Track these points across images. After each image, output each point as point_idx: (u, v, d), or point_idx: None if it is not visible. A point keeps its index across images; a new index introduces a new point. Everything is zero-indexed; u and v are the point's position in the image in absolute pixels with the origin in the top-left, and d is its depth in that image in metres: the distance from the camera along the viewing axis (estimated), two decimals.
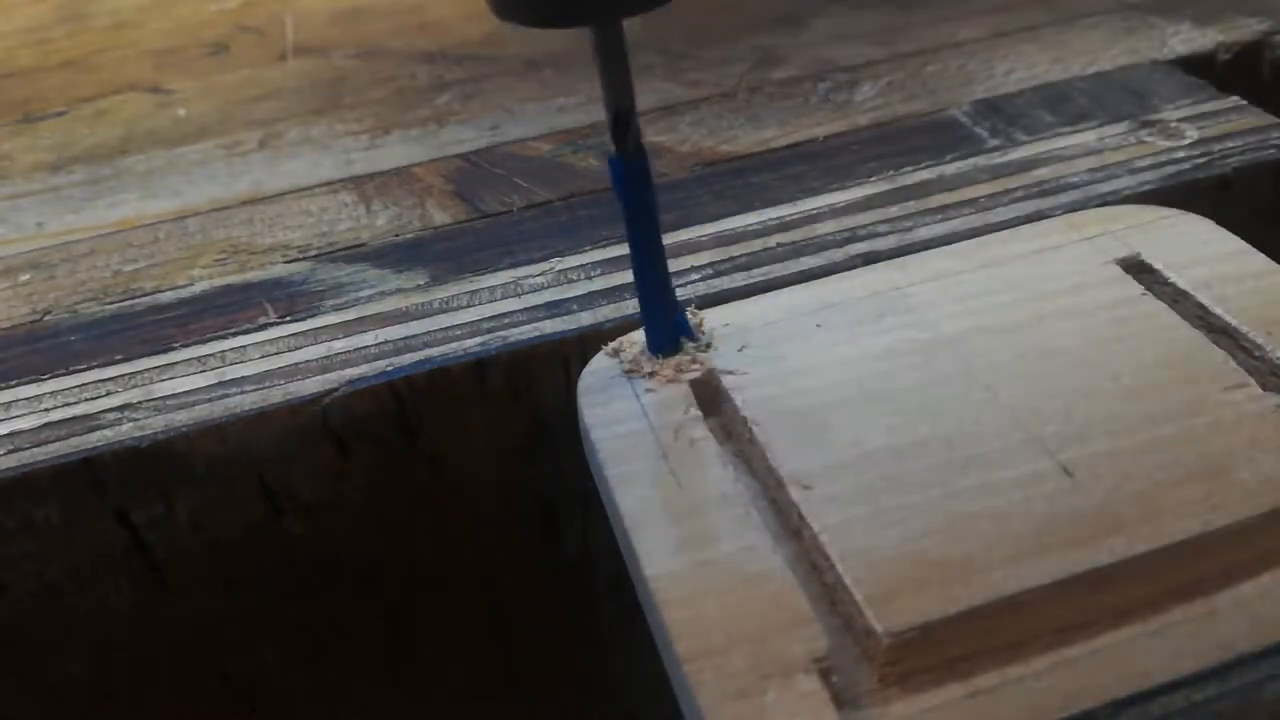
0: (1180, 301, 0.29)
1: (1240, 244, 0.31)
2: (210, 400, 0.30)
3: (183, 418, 0.30)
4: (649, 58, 0.47)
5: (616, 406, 0.28)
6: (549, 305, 0.33)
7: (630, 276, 0.29)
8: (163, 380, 0.32)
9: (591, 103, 0.44)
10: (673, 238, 0.35)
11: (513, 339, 0.31)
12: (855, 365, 0.28)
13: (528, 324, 0.32)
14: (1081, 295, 0.30)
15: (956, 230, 0.34)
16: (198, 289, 0.36)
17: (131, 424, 0.30)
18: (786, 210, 0.36)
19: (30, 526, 0.30)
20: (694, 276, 0.33)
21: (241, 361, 0.32)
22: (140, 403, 0.31)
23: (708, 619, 0.22)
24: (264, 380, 0.31)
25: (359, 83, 0.49)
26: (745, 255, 0.34)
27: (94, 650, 0.32)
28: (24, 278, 0.38)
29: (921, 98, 0.42)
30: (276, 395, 0.30)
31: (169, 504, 0.30)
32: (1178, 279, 0.30)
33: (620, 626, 0.36)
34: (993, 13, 0.48)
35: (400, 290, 0.34)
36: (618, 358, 0.29)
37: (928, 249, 0.33)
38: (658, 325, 0.29)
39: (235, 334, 0.33)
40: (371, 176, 0.41)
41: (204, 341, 0.33)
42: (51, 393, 0.32)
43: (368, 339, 0.32)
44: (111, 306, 0.35)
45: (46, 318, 0.35)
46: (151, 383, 0.31)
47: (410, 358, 0.31)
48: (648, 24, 0.25)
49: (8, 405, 0.31)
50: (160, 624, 0.32)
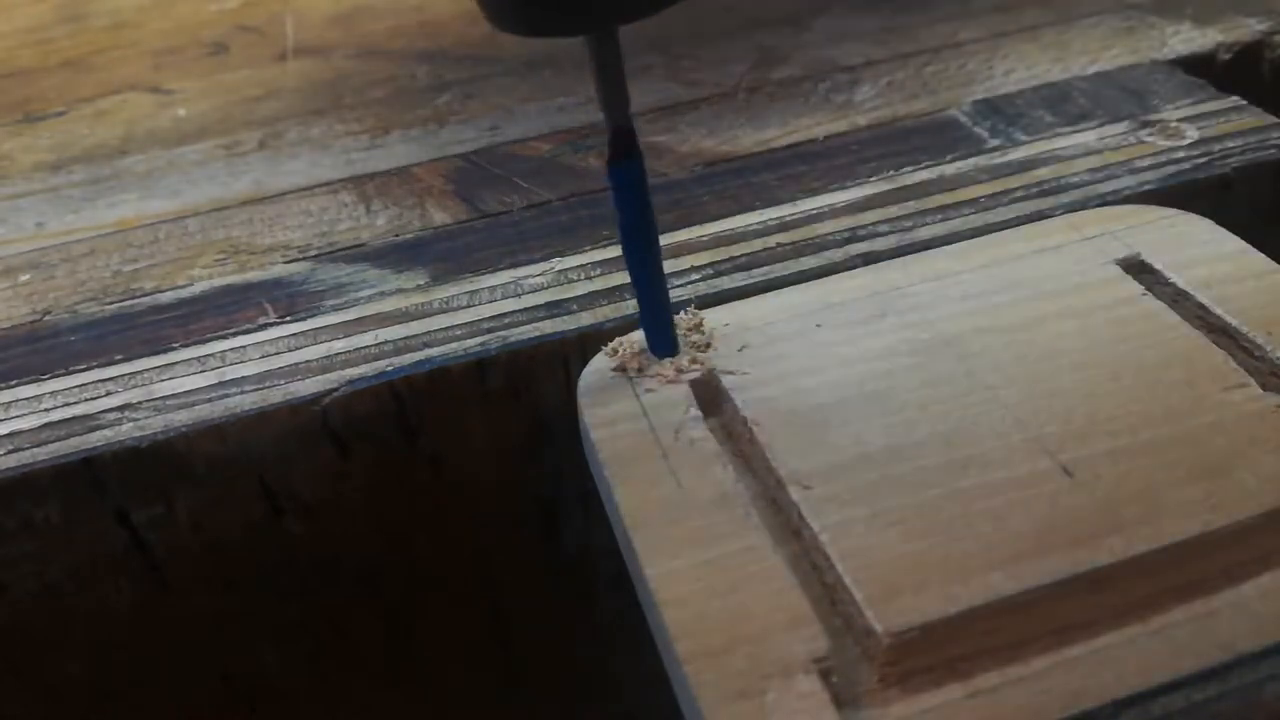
0: (1180, 301, 0.29)
1: (1240, 244, 0.31)
2: (210, 400, 0.30)
3: (183, 418, 0.30)
4: (649, 58, 0.47)
5: (616, 407, 0.28)
6: (549, 305, 0.33)
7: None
8: (163, 380, 0.32)
9: (591, 103, 0.44)
10: (673, 238, 0.35)
11: (513, 339, 0.31)
12: (855, 365, 0.28)
13: (528, 324, 0.32)
14: (1081, 295, 0.30)
15: (956, 230, 0.34)
16: (197, 289, 0.36)
17: (131, 424, 0.30)
18: (786, 210, 0.36)
19: (30, 526, 0.30)
20: (694, 276, 0.33)
21: (241, 361, 0.32)
22: (140, 403, 0.31)
23: (708, 619, 0.22)
24: (264, 380, 0.31)
25: (359, 83, 0.49)
26: (745, 255, 0.34)
27: (94, 650, 0.32)
28: (24, 278, 0.38)
29: (921, 98, 0.42)
30: (276, 395, 0.30)
31: (169, 504, 0.30)
32: (1178, 279, 0.30)
33: (620, 626, 0.36)
34: (993, 13, 0.48)
35: (400, 290, 0.34)
36: (618, 358, 0.29)
37: (928, 249, 0.33)
38: (657, 329, 0.29)
39: (235, 334, 0.33)
40: (371, 176, 0.41)
41: (204, 341, 0.33)
42: (51, 393, 0.32)
43: (368, 339, 0.32)
44: (111, 306, 0.35)
45: (46, 318, 0.35)
46: (151, 383, 0.31)
47: (410, 358, 0.31)
48: (648, 24, 0.25)
49: (8, 405, 0.31)
50: (160, 624, 0.32)
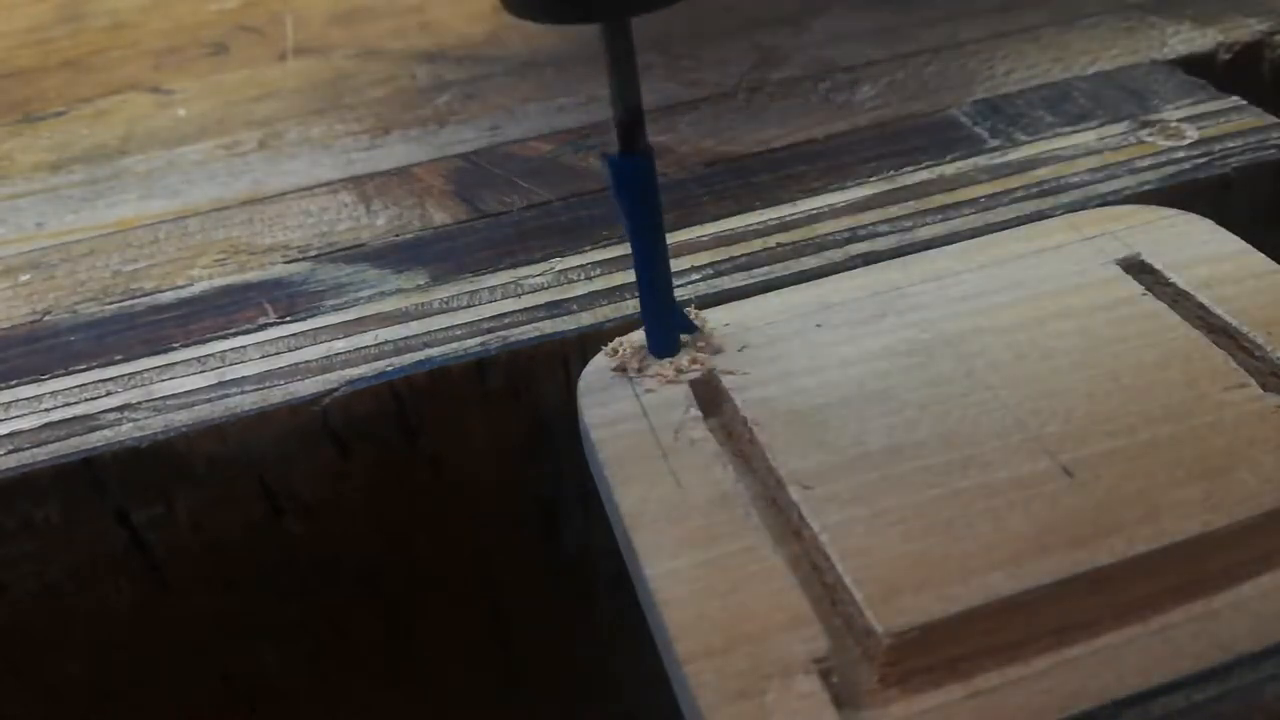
0: (1180, 301, 0.29)
1: (1240, 244, 0.31)
2: (210, 400, 0.30)
3: (183, 418, 0.30)
4: (649, 58, 0.47)
5: (616, 406, 0.28)
6: (549, 305, 0.33)
7: (630, 276, 0.29)
8: (163, 380, 0.32)
9: (591, 103, 0.44)
10: (673, 238, 0.35)
11: (513, 339, 0.31)
12: (855, 365, 0.28)
13: (528, 324, 0.32)
14: (1082, 295, 0.30)
15: (956, 230, 0.34)
16: (197, 289, 0.36)
17: (131, 424, 0.30)
18: (786, 210, 0.36)
19: (30, 526, 0.30)
20: (694, 276, 0.33)
21: (241, 362, 0.32)
22: (140, 403, 0.31)
23: (708, 619, 0.22)
24: (264, 380, 0.31)
25: (359, 83, 0.49)
26: (745, 255, 0.34)
27: (94, 650, 0.32)
28: (24, 278, 0.38)
29: (921, 98, 0.42)
30: (276, 395, 0.30)
31: (169, 504, 0.30)
32: (1178, 279, 0.30)
33: (620, 626, 0.36)
34: (993, 13, 0.48)
35: (400, 290, 0.34)
36: (618, 358, 0.29)
37: (928, 249, 0.33)
38: (659, 329, 0.29)
39: (235, 334, 0.33)
40: (371, 176, 0.41)
41: (204, 341, 0.33)
42: (51, 393, 0.32)
43: (368, 339, 0.32)
44: (111, 306, 0.35)
45: (46, 318, 0.35)
46: (151, 383, 0.31)
47: (410, 358, 0.31)
48: (648, 24, 0.25)
49: (8, 405, 0.31)
50: (160, 624, 0.32)
